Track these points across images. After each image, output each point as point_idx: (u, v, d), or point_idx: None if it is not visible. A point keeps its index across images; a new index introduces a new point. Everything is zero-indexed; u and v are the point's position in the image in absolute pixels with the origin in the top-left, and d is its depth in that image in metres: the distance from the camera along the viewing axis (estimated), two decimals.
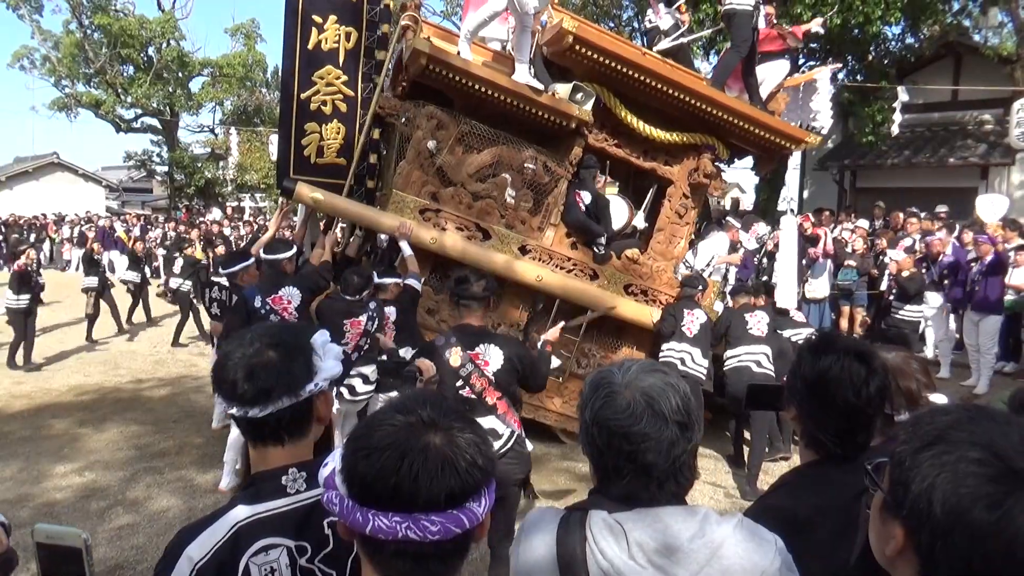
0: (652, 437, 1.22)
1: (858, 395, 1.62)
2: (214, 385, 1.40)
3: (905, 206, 11.88)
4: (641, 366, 1.32)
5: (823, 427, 1.69)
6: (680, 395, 1.26)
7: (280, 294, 4.83)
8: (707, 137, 6.46)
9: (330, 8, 5.39)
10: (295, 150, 5.53)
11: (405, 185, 5.51)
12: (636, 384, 1.26)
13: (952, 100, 15.18)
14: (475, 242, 5.64)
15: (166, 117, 27.76)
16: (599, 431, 1.26)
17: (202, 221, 19.53)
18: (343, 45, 5.50)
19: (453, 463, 0.97)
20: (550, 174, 5.93)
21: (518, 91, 5.57)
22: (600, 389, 1.28)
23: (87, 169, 34.43)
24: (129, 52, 25.89)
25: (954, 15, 14.08)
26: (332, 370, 1.44)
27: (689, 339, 6.06)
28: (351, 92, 5.60)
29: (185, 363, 9.75)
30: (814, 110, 7.05)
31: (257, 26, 28.87)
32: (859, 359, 1.66)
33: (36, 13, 26.38)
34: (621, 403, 1.24)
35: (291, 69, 5.38)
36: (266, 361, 1.36)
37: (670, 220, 6.66)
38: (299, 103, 5.45)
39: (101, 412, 7.32)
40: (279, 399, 1.35)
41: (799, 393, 1.72)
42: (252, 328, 1.49)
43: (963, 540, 0.81)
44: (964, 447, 0.83)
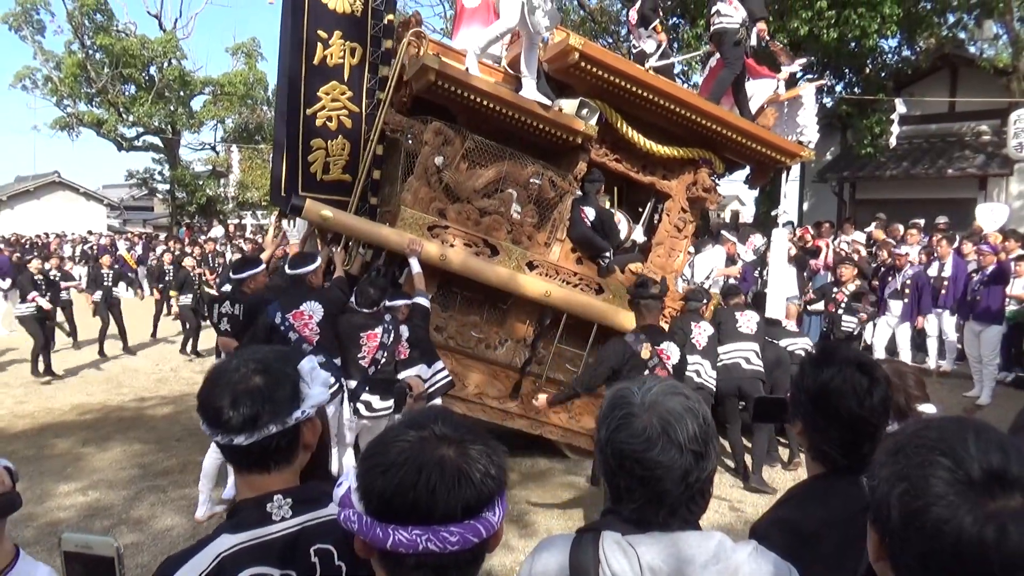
0: (665, 465, 1.20)
1: (861, 405, 1.63)
2: (199, 411, 1.37)
3: (905, 217, 11.93)
4: (662, 387, 1.29)
5: (828, 439, 1.70)
6: (698, 421, 1.24)
7: (302, 309, 4.77)
8: (704, 152, 6.55)
9: (335, 24, 5.37)
10: (302, 167, 5.48)
11: (413, 202, 5.49)
12: (655, 408, 1.24)
13: (949, 112, 15.28)
14: (483, 258, 5.63)
15: (168, 135, 27.92)
16: (613, 452, 1.25)
17: (206, 239, 19.58)
18: (348, 61, 5.48)
19: (468, 474, 1.00)
20: (555, 189, 5.95)
21: (527, 107, 5.58)
22: (617, 410, 1.27)
23: (88, 188, 34.59)
24: (131, 72, 26.11)
25: (949, 28, 14.18)
26: (319, 397, 1.43)
27: (699, 351, 6.12)
28: (356, 108, 5.57)
29: (188, 381, 9.75)
30: (800, 125, 7.16)
31: (258, 45, 29.09)
32: (861, 370, 1.66)
33: (38, 34, 26.66)
34: (637, 427, 1.23)
35: (296, 85, 5.33)
36: (252, 387, 1.34)
37: (669, 234, 6.72)
38: (305, 119, 5.41)
39: (104, 431, 7.32)
40: (266, 426, 1.33)
41: (803, 406, 1.73)
42: (238, 353, 1.47)
43: (919, 544, 0.84)
44: (923, 454, 0.86)
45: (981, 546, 0.79)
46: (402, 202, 5.47)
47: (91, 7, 25.49)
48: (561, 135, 5.82)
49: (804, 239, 11.82)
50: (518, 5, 5.26)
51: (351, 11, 5.37)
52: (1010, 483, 0.81)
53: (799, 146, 6.97)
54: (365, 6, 5.41)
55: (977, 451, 0.84)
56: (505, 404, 5.93)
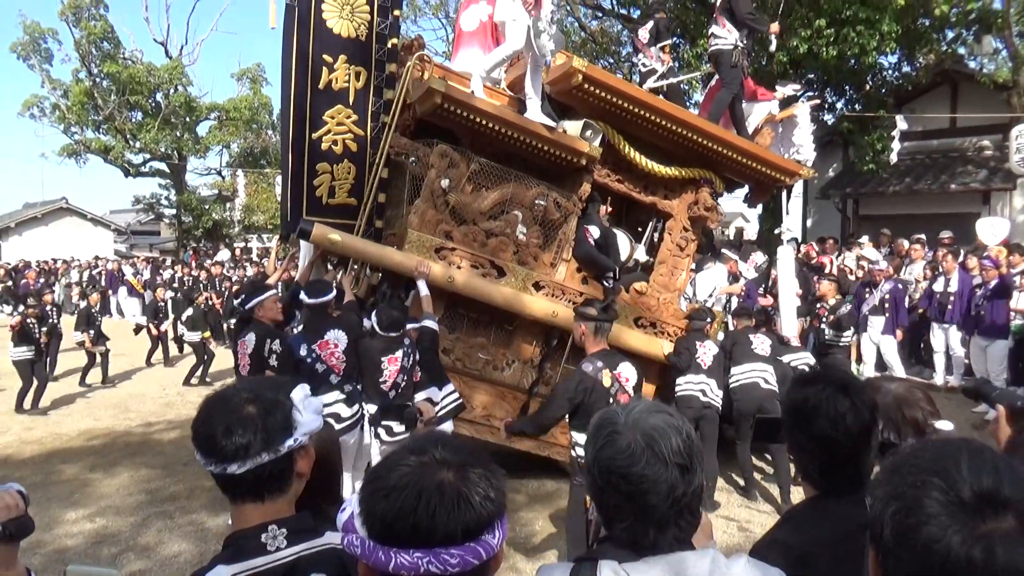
0: (651, 479, 1.22)
1: (835, 427, 1.63)
2: (193, 441, 1.39)
3: (909, 233, 11.95)
4: (645, 406, 1.33)
5: (809, 459, 1.72)
6: (683, 436, 1.26)
7: (327, 338, 4.68)
8: (705, 171, 6.61)
9: (340, 48, 5.40)
10: (307, 191, 5.47)
11: (420, 224, 5.50)
12: (638, 425, 1.27)
13: (951, 127, 15.32)
14: (490, 279, 5.64)
15: (174, 161, 28.17)
16: (599, 471, 1.27)
17: (211, 263, 19.69)
18: (353, 84, 5.49)
19: (468, 498, 1.02)
20: (560, 210, 5.99)
21: (533, 129, 5.63)
22: (602, 429, 1.30)
23: (95, 213, 34.84)
24: (137, 99, 26.39)
25: (949, 43, 14.27)
26: (312, 424, 1.44)
27: (705, 371, 6.14)
28: (361, 131, 5.57)
29: (194, 405, 9.60)
30: (796, 144, 7.23)
31: (263, 70, 29.38)
32: (843, 391, 1.66)
33: (46, 63, 26.99)
34: (622, 443, 1.25)
35: (302, 109, 5.35)
36: (245, 416, 1.36)
37: (672, 253, 6.77)
38: (311, 143, 5.41)
39: (111, 456, 7.34)
40: (258, 454, 1.34)
41: (786, 424, 1.75)
42: (233, 384, 1.49)
43: (910, 562, 0.86)
44: (917, 474, 0.88)
45: (969, 566, 0.80)
46: (409, 225, 5.48)
47: (98, 36, 25.85)
48: (565, 156, 5.86)
49: (808, 256, 11.84)
50: (524, 28, 5.34)
51: (356, 35, 5.40)
52: (1001, 505, 0.83)
53: (798, 165, 7.03)
54: (370, 30, 5.44)
55: (969, 473, 0.85)
56: None
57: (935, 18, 12.49)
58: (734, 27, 6.99)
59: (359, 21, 5.37)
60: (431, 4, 21.56)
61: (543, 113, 5.76)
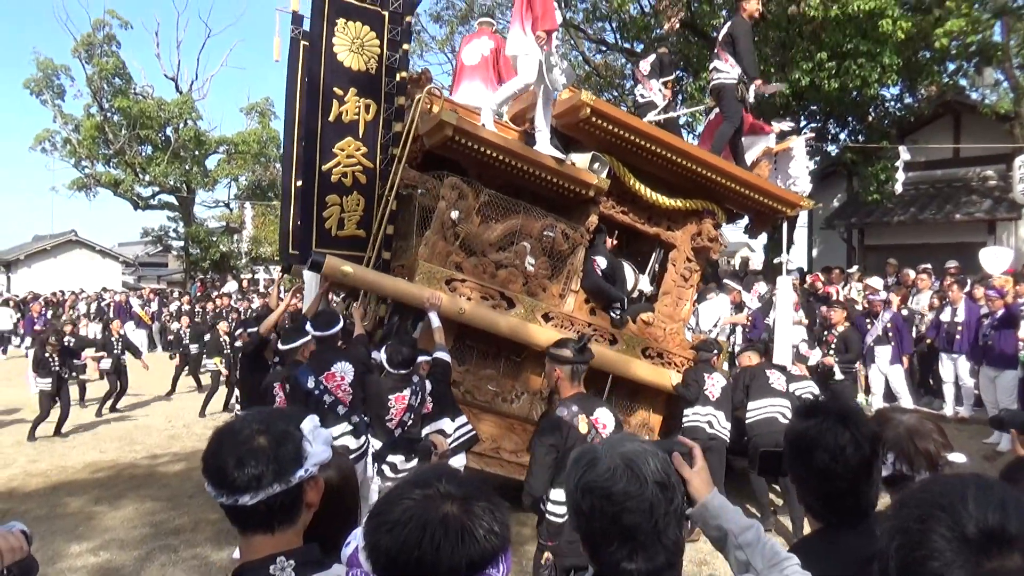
0: (633, 495, 1.25)
1: (835, 459, 1.64)
2: (204, 473, 1.40)
3: (914, 262, 11.94)
4: (621, 436, 1.41)
5: (809, 491, 1.72)
6: (659, 459, 1.31)
7: (333, 370, 4.66)
8: (707, 203, 6.70)
9: (351, 81, 5.44)
10: (317, 223, 5.48)
11: (431, 256, 5.48)
12: (616, 449, 1.32)
13: (954, 157, 15.40)
14: (500, 311, 5.63)
15: (183, 194, 28.45)
16: (583, 496, 1.30)
17: (219, 294, 19.76)
18: (363, 117, 5.53)
19: (472, 531, 1.03)
20: (568, 241, 6.01)
21: (543, 162, 5.68)
22: (583, 457, 1.34)
23: (104, 245, 35.10)
24: (148, 133, 26.76)
25: (950, 75, 14.39)
26: (322, 455, 1.44)
27: (712, 402, 6.14)
28: (371, 164, 5.60)
29: (200, 437, 9.75)
30: (792, 176, 7.34)
31: (271, 104, 29.78)
32: (843, 423, 1.67)
33: (58, 98, 27.41)
34: (602, 467, 1.29)
35: (312, 141, 5.39)
36: (256, 448, 1.36)
37: (676, 283, 6.81)
38: (320, 175, 5.43)
39: (116, 489, 7.31)
40: (269, 486, 1.35)
41: (788, 457, 1.74)
42: (243, 414, 1.49)
43: None
44: (924, 508, 0.88)
45: None
46: (420, 256, 5.47)
47: (110, 72, 26.30)
48: (574, 188, 5.91)
49: (815, 286, 11.82)
50: (536, 63, 5.41)
51: (366, 68, 5.46)
52: (1007, 542, 0.82)
53: (799, 196, 7.15)
54: (379, 64, 5.51)
55: (976, 509, 0.85)
56: (521, 458, 5.87)
57: (936, 51, 12.60)
58: (736, 62, 7.08)
59: (369, 55, 5.44)
60: (437, 40, 21.89)
61: (553, 146, 5.82)
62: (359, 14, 5.36)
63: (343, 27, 5.29)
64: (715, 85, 7.29)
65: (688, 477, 1.52)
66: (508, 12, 18.71)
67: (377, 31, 5.44)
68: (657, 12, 14.40)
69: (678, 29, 14.01)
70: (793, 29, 13.01)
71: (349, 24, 5.32)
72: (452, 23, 19.99)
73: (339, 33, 5.29)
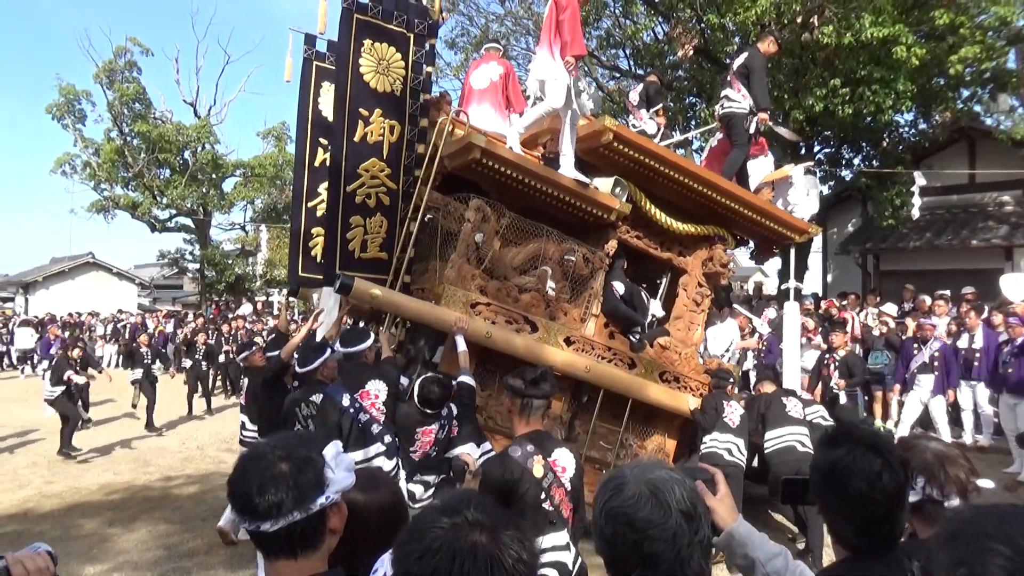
0: (656, 524, 1.25)
1: (872, 487, 1.63)
2: (229, 498, 1.42)
3: (931, 288, 11.85)
4: (650, 463, 1.39)
5: (842, 519, 1.71)
6: (686, 488, 1.30)
7: (367, 388, 4.56)
8: (718, 228, 6.78)
9: (376, 102, 5.39)
10: (341, 244, 5.39)
11: (456, 279, 5.44)
12: (643, 476, 1.32)
13: (970, 182, 15.32)
14: (524, 335, 5.60)
15: (199, 216, 28.77)
16: (607, 521, 1.30)
17: (234, 316, 19.89)
18: (387, 138, 5.46)
19: (500, 560, 1.03)
20: (588, 265, 6.02)
21: (567, 185, 5.71)
22: (609, 483, 1.34)
23: (121, 267, 35.47)
24: (166, 156, 27.17)
25: (964, 102, 14.37)
26: (344, 482, 1.45)
27: (732, 430, 6.14)
28: (394, 185, 5.53)
29: (214, 459, 9.76)
30: (792, 203, 7.39)
31: (287, 128, 30.09)
32: (874, 451, 1.67)
33: (79, 123, 27.89)
34: (627, 493, 1.29)
35: (338, 162, 5.32)
36: (277, 474, 1.37)
37: (688, 308, 6.84)
38: (345, 196, 5.34)
39: (130, 511, 7.32)
40: (290, 512, 1.35)
41: (817, 486, 1.73)
42: (265, 440, 1.50)
43: None
44: (981, 541, 0.89)
45: None
46: (445, 280, 5.42)
47: (131, 97, 26.78)
48: (596, 212, 5.94)
49: (829, 311, 11.76)
50: (565, 88, 5.48)
51: (391, 90, 5.41)
52: None
53: (807, 223, 7.26)
54: (404, 85, 5.47)
55: None
56: None
57: (950, 77, 12.61)
58: (748, 92, 7.16)
59: (395, 76, 5.40)
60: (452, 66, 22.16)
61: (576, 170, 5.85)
62: (385, 35, 5.34)
63: (370, 48, 5.27)
64: (725, 113, 7.39)
65: (713, 506, 1.51)
66: (521, 39, 18.98)
67: (403, 53, 5.42)
68: (671, 39, 14.51)
69: (692, 56, 14.11)
70: (807, 56, 13.07)
71: (376, 45, 5.30)
72: (467, 49, 20.21)
73: (366, 54, 5.27)
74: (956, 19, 11.52)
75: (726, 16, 12.95)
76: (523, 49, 18.53)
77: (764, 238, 7.39)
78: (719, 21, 13.17)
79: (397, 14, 5.34)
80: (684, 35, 13.57)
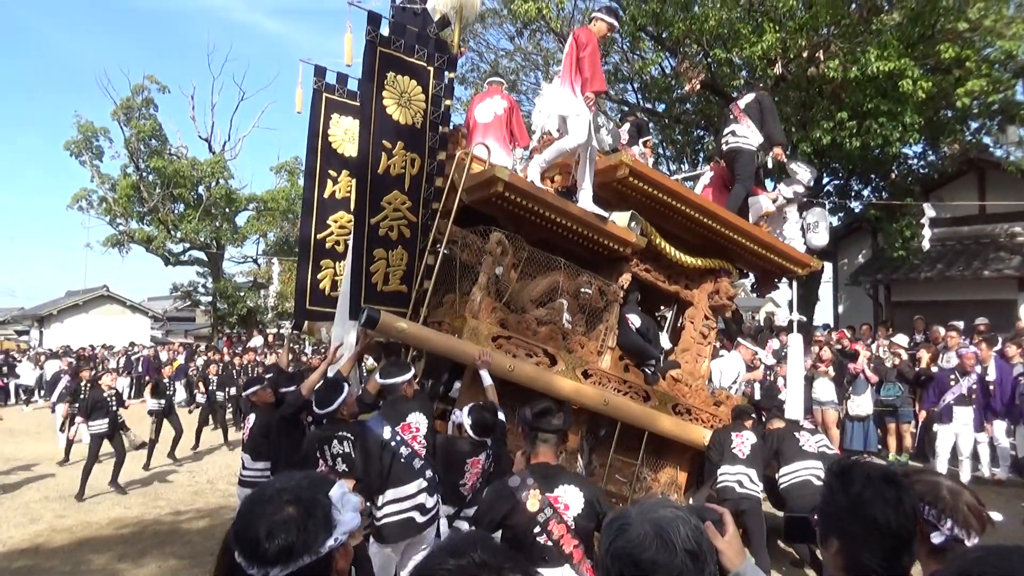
0: (661, 564, 1.25)
1: (896, 514, 1.66)
2: (234, 543, 1.38)
3: (943, 319, 11.78)
4: (656, 502, 1.39)
5: (869, 552, 1.69)
6: (691, 527, 1.30)
7: (408, 421, 4.46)
8: (724, 262, 6.85)
9: (399, 135, 5.39)
10: (365, 277, 5.34)
11: (477, 312, 5.39)
12: (647, 516, 1.32)
13: (980, 213, 15.31)
14: (544, 368, 5.56)
15: (212, 250, 29.00)
16: (612, 562, 1.30)
17: (245, 349, 19.97)
18: (409, 171, 5.46)
19: None
20: (604, 298, 6.03)
21: (587, 219, 5.74)
22: (614, 523, 1.35)
23: (134, 300, 35.75)
24: (181, 191, 27.46)
25: (973, 134, 14.41)
26: (351, 523, 1.43)
27: (743, 460, 6.08)
28: (414, 218, 5.52)
29: (224, 493, 9.74)
30: (787, 237, 7.47)
31: (299, 163, 30.39)
32: (887, 482, 1.71)
33: (97, 159, 28.29)
34: (632, 534, 1.30)
35: (363, 195, 5.29)
36: (286, 518, 1.35)
37: (695, 340, 6.87)
38: (369, 229, 5.30)
39: (140, 546, 7.30)
40: (300, 557, 1.34)
41: (840, 523, 1.73)
42: (270, 482, 1.48)
43: None
44: None
45: None
46: (468, 313, 5.38)
47: (147, 133, 27.18)
48: (613, 246, 5.97)
49: (841, 343, 11.70)
50: (587, 123, 5.55)
51: (412, 122, 5.44)
52: None
53: (810, 257, 7.38)
54: (424, 118, 5.49)
55: None
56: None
57: (957, 110, 12.67)
58: (759, 128, 7.25)
59: (415, 109, 5.42)
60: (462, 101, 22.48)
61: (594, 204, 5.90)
62: (407, 69, 5.37)
63: (392, 80, 5.29)
64: (732, 148, 7.45)
65: (721, 548, 1.52)
66: (530, 74, 19.22)
67: (423, 86, 5.45)
68: (678, 74, 14.68)
69: (699, 90, 14.27)
70: (813, 89, 13.18)
71: (398, 78, 5.32)
72: (477, 85, 20.49)
73: (388, 86, 5.29)
74: (962, 53, 11.61)
75: (732, 51, 13.12)
76: (532, 84, 18.77)
77: (766, 271, 7.52)
78: (726, 56, 13.34)
79: (418, 48, 5.38)
80: (691, 70, 13.74)
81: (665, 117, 17.06)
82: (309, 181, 6.57)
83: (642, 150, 8.23)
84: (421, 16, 5.50)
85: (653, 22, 13.82)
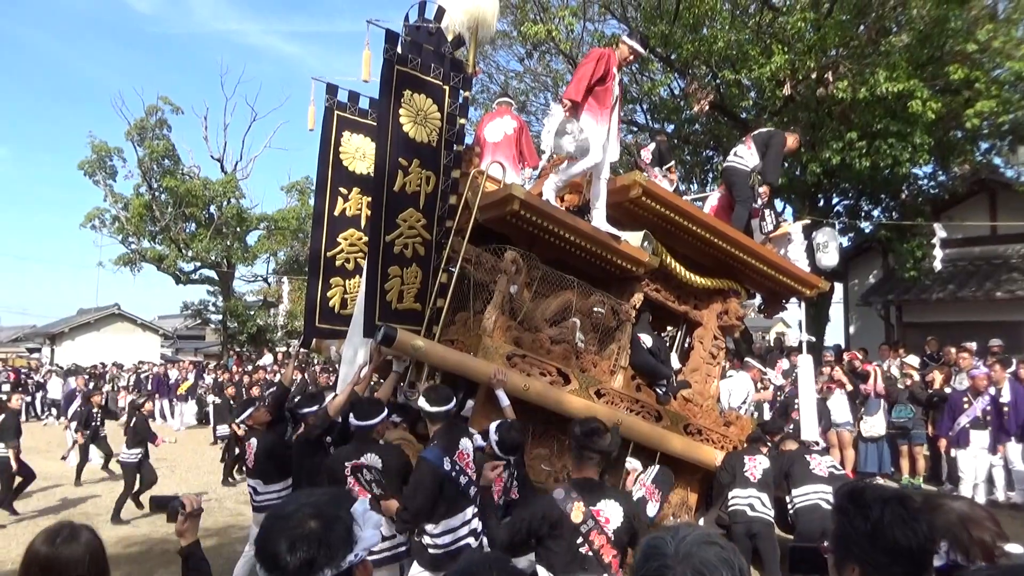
0: None
1: (916, 534, 1.65)
2: (257, 557, 1.40)
3: (955, 340, 11.69)
4: (696, 536, 1.28)
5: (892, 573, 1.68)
6: (734, 572, 1.22)
7: (462, 448, 4.34)
8: (732, 282, 6.86)
9: (415, 152, 5.39)
10: (379, 295, 5.31)
11: (492, 331, 5.33)
12: (689, 559, 1.22)
13: (992, 234, 15.25)
14: (558, 387, 5.52)
15: (223, 269, 29.18)
16: None
17: (255, 367, 20.03)
18: (424, 189, 5.45)
19: None
20: (616, 318, 6.02)
21: (601, 238, 5.74)
22: (651, 561, 1.25)
23: (145, 319, 35.97)
24: (193, 211, 27.69)
25: (983, 154, 14.39)
26: (371, 540, 1.44)
27: (754, 484, 6.04)
28: (429, 235, 5.50)
29: (231, 511, 9.72)
30: (792, 259, 7.49)
31: (310, 183, 30.65)
32: (902, 503, 1.70)
33: (110, 179, 28.59)
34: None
35: (378, 212, 5.28)
36: (308, 532, 1.36)
37: (704, 360, 6.86)
38: (384, 246, 5.28)
39: (147, 565, 7.28)
40: (320, 571, 1.35)
41: (862, 549, 1.70)
42: (292, 497, 1.50)
43: None
44: None
45: None
46: (483, 331, 5.34)
47: (160, 153, 27.49)
48: (626, 266, 5.96)
49: (853, 364, 11.63)
50: (600, 144, 5.61)
51: (427, 140, 5.45)
52: None
53: (817, 278, 7.40)
54: (439, 136, 5.51)
55: None
56: None
57: (967, 130, 12.67)
58: (760, 158, 7.36)
59: (431, 127, 5.44)
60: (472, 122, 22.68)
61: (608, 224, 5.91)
62: (423, 87, 5.39)
63: (408, 98, 5.31)
64: (729, 167, 7.57)
65: None
66: (540, 95, 19.34)
67: (439, 104, 5.47)
68: (687, 95, 14.77)
69: (707, 111, 14.33)
70: (822, 110, 13.22)
71: (415, 96, 5.34)
72: (487, 105, 20.65)
73: (405, 104, 5.31)
74: (971, 74, 11.63)
75: (741, 72, 13.18)
76: (541, 105, 18.89)
77: (773, 292, 7.52)
78: (734, 77, 13.40)
79: (434, 66, 5.41)
80: (700, 91, 13.81)
81: (674, 138, 17.13)
82: (320, 197, 6.60)
83: (664, 174, 8.26)
84: (436, 35, 5.54)
85: (662, 43, 13.91)
